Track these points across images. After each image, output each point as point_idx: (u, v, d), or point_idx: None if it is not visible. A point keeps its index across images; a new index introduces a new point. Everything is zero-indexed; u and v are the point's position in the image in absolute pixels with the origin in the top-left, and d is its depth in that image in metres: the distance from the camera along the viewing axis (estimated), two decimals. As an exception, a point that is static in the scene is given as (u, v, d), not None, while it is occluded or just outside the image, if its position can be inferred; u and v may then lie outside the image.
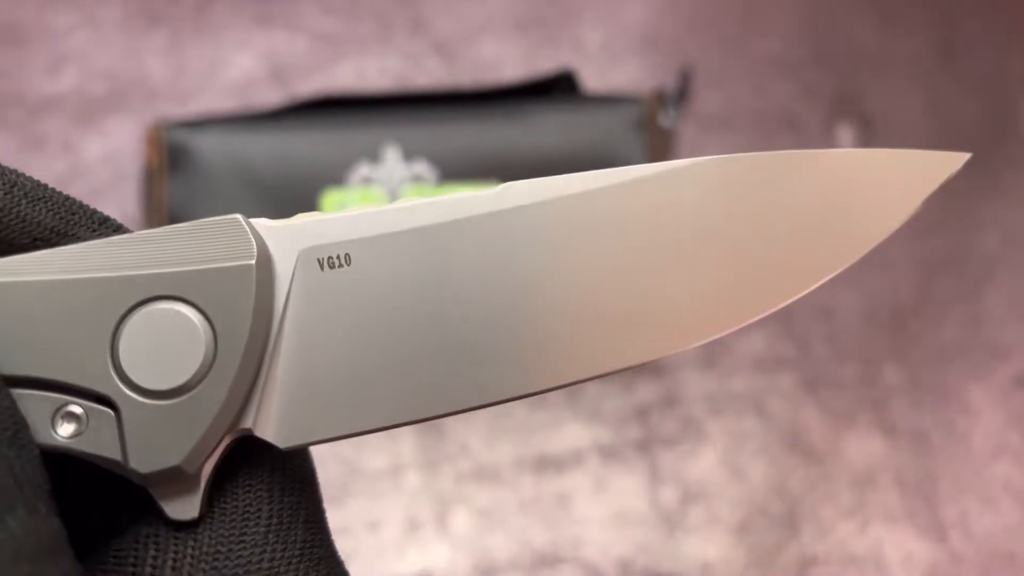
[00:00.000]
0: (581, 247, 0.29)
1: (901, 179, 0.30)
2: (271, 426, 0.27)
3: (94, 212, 0.29)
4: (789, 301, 0.30)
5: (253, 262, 0.27)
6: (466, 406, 0.28)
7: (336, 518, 0.82)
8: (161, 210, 0.83)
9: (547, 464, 0.84)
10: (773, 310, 0.29)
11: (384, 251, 0.28)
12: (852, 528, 0.84)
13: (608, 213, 0.29)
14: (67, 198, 0.28)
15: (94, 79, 0.94)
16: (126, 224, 0.88)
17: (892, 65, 1.00)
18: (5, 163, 0.27)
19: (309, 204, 0.82)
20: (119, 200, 0.90)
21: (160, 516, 0.27)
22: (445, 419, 0.83)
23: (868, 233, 0.30)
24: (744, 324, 0.29)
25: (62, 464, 0.27)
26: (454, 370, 0.28)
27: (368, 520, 0.82)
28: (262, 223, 0.28)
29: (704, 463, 0.85)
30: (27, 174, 0.28)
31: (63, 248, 0.27)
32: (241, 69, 0.95)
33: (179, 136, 0.84)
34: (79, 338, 0.26)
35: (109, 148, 0.91)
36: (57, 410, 0.26)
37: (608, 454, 0.84)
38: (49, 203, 0.28)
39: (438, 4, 0.98)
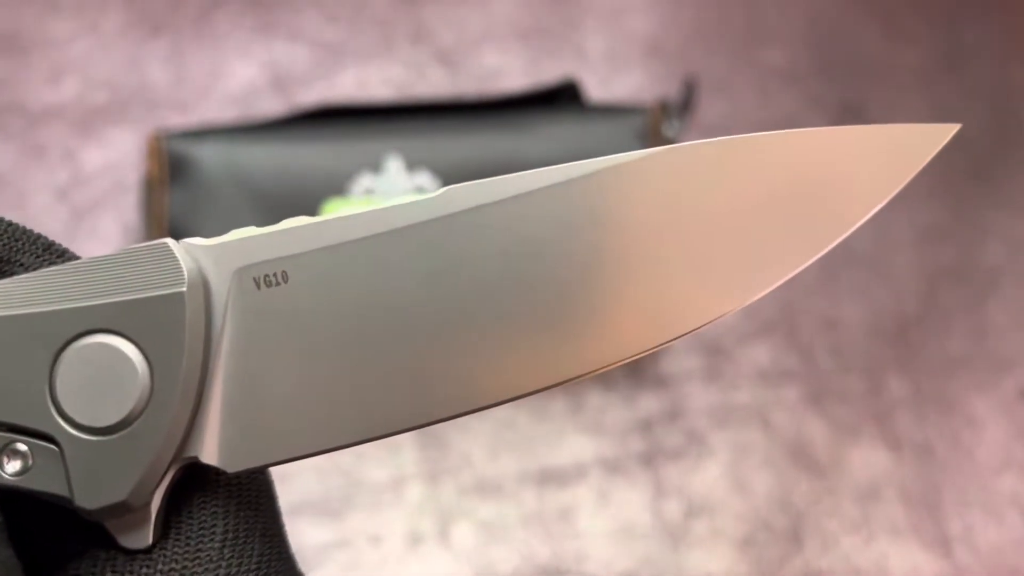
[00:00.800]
0: (526, 250, 0.28)
1: (891, 152, 0.29)
2: (217, 452, 0.27)
3: (38, 238, 0.28)
4: (778, 283, 0.29)
5: (184, 289, 0.26)
6: (415, 423, 0.28)
7: (338, 531, 0.82)
8: (161, 221, 0.83)
9: (550, 477, 0.83)
10: (756, 297, 0.29)
11: (321, 266, 0.27)
12: (857, 542, 0.83)
13: (551, 213, 0.28)
14: (10, 224, 0.28)
15: (95, 88, 0.93)
16: (127, 235, 0.88)
17: (896, 74, 0.99)
18: (4, 172, 0.27)
19: (310, 215, 0.82)
20: (119, 210, 0.89)
21: (115, 543, 0.27)
22: (447, 430, 0.83)
23: (856, 208, 0.29)
24: (723, 315, 0.28)
25: (18, 493, 0.27)
26: (400, 386, 0.27)
27: (370, 533, 0.81)
28: (196, 243, 0.27)
29: (708, 476, 0.84)
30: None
31: None
32: (242, 78, 0.95)
33: (180, 146, 0.84)
34: (16, 376, 0.26)
35: (110, 158, 0.91)
36: (3, 448, 0.26)
37: (611, 467, 0.84)
38: None
39: (440, 13, 0.98)
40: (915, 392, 0.88)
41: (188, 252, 0.27)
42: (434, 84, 0.96)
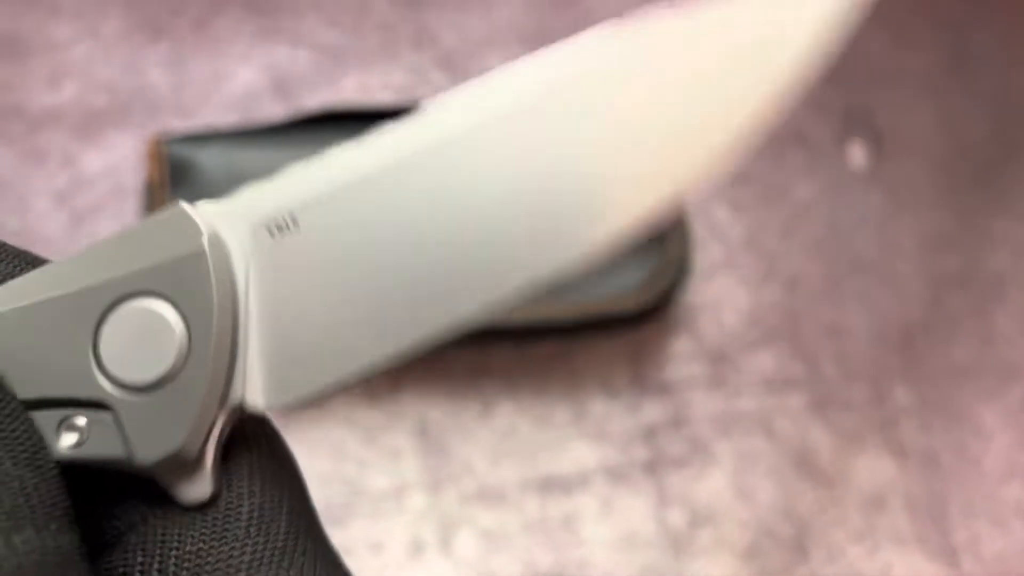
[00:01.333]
0: (520, 146, 0.30)
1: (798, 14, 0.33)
2: (260, 393, 0.29)
3: (3, 246, 0.30)
4: (747, 138, 0.32)
5: (205, 245, 0.28)
6: (445, 329, 0.30)
7: (339, 539, 0.81)
8: (162, 225, 0.82)
9: (553, 485, 0.83)
10: (736, 152, 0.32)
11: (328, 206, 0.30)
12: (861, 552, 0.83)
13: (542, 120, 0.31)
14: None
15: (95, 92, 0.93)
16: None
17: (903, 80, 0.99)
18: (4, 177, 0.28)
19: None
20: (119, 215, 0.89)
21: (163, 509, 0.28)
22: (448, 438, 0.82)
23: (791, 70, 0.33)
24: (710, 173, 0.32)
25: (74, 467, 0.28)
26: (424, 296, 0.30)
27: (371, 541, 0.81)
28: (207, 205, 0.30)
29: (712, 485, 0.84)
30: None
31: (26, 276, 0.28)
32: (244, 82, 0.94)
33: (180, 150, 0.83)
34: (63, 353, 0.28)
35: (110, 162, 0.90)
36: (59, 424, 0.27)
37: (614, 475, 0.83)
38: None
39: (444, 17, 0.98)
40: (920, 400, 0.88)
41: (201, 214, 0.29)
42: (437, 89, 0.95)
